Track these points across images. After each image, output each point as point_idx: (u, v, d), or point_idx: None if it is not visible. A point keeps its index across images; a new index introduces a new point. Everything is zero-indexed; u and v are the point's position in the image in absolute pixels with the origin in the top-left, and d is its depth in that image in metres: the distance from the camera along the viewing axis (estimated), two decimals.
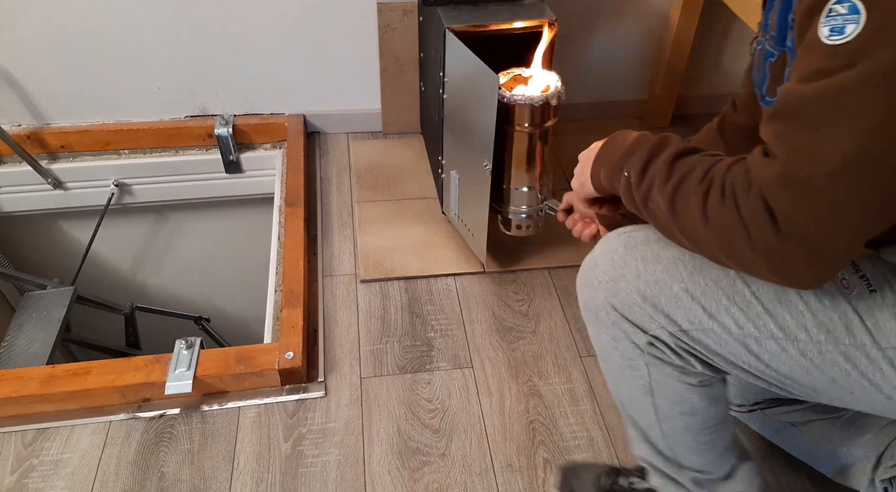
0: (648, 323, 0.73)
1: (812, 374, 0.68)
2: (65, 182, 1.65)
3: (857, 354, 0.65)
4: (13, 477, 1.02)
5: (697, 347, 0.72)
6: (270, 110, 1.68)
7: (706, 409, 0.79)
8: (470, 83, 1.14)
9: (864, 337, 0.64)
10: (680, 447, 0.84)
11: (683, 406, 0.79)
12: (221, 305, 2.16)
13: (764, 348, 0.69)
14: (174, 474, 1.03)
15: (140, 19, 1.46)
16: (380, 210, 1.51)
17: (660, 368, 0.76)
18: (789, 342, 0.67)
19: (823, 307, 0.65)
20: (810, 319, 0.66)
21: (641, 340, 0.74)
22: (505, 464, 1.06)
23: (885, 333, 0.63)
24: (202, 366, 1.10)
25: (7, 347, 1.41)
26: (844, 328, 0.65)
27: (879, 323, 0.63)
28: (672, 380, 0.77)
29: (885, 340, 0.63)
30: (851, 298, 0.65)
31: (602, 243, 0.77)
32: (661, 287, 0.71)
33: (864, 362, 0.65)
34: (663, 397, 0.79)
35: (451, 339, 1.25)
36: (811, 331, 0.66)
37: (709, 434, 0.82)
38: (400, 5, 1.50)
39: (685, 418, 0.80)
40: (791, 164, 0.52)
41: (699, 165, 0.61)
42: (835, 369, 0.66)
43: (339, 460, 1.05)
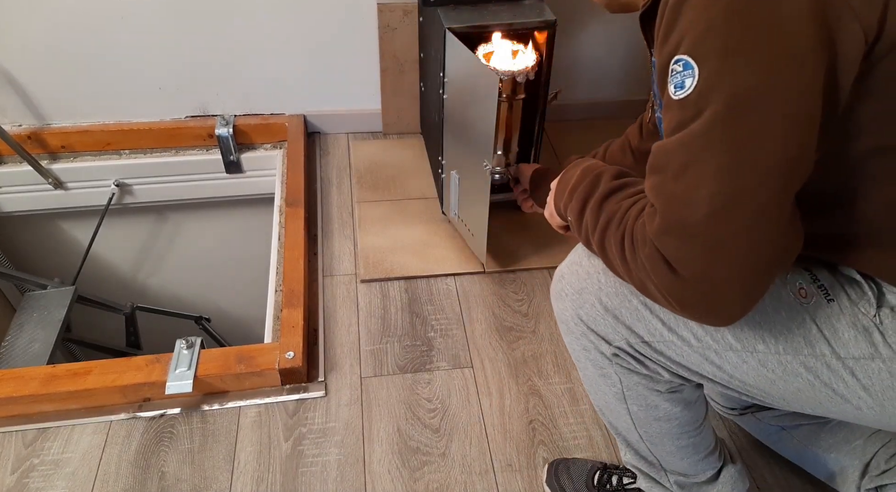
0: (612, 334, 0.74)
1: (777, 385, 0.68)
2: (65, 182, 1.65)
3: (818, 364, 0.65)
4: (14, 477, 1.02)
5: (661, 359, 0.73)
6: (271, 110, 1.68)
7: (681, 413, 0.80)
8: (470, 83, 1.14)
9: (824, 347, 0.64)
10: (660, 451, 0.85)
11: (657, 412, 0.80)
12: (222, 305, 2.16)
13: (725, 360, 0.70)
14: (174, 474, 1.03)
15: (141, 20, 1.46)
16: (380, 210, 1.51)
17: (629, 376, 0.78)
18: (748, 354, 0.68)
19: (781, 318, 0.66)
20: (767, 330, 0.66)
21: (607, 351, 0.76)
22: (505, 464, 1.06)
23: (844, 342, 0.63)
24: (202, 366, 1.10)
25: (8, 347, 1.41)
26: (803, 339, 0.65)
27: (838, 332, 0.63)
28: (642, 388, 0.78)
29: (844, 351, 0.63)
30: (809, 308, 0.65)
31: (570, 255, 0.80)
32: (622, 300, 0.72)
33: (825, 373, 0.65)
34: (636, 404, 0.80)
35: (451, 339, 1.25)
36: (769, 342, 0.66)
37: (688, 438, 0.82)
38: (400, 5, 1.50)
39: (660, 423, 0.81)
40: (668, 213, 0.56)
41: (619, 209, 0.65)
42: (798, 380, 0.67)
43: (339, 459, 1.05)
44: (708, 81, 0.52)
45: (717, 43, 0.52)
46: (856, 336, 0.62)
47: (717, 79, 0.52)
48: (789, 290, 0.66)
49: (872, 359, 0.62)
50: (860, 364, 0.63)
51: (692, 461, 0.84)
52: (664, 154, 0.57)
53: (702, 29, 0.52)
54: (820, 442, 0.98)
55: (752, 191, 0.52)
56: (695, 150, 0.54)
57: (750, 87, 0.51)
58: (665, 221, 0.56)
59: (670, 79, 0.55)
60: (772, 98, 0.51)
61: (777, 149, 0.52)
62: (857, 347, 0.62)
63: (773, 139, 0.52)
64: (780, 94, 0.51)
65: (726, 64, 0.52)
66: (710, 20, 0.52)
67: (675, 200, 0.55)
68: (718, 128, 0.52)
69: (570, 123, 1.76)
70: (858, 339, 0.62)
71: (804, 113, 0.52)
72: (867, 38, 0.50)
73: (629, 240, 0.61)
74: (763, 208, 0.53)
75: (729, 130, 0.52)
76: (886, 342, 0.61)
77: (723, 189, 0.53)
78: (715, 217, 0.53)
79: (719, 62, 0.52)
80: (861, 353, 0.62)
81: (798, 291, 0.65)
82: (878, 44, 0.50)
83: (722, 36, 0.51)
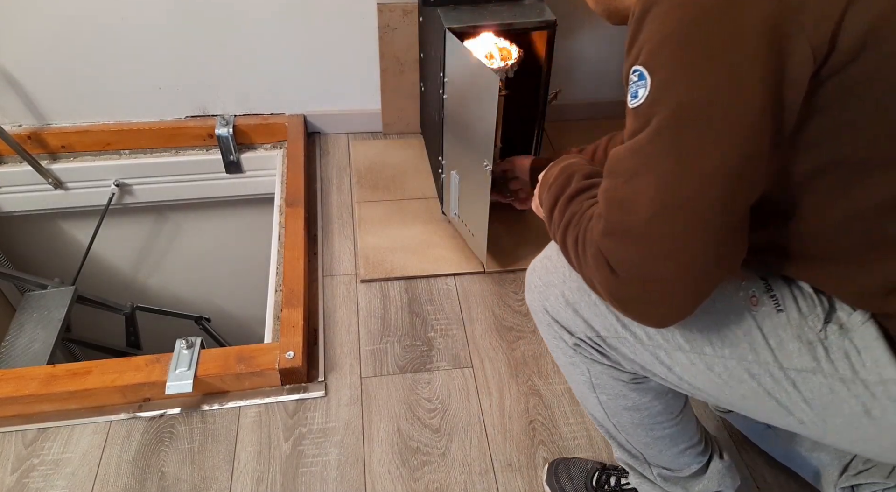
0: (573, 327, 0.77)
1: (724, 390, 0.69)
2: (65, 182, 1.65)
3: (761, 372, 0.65)
4: (14, 477, 1.02)
5: (616, 355, 0.75)
6: (270, 110, 1.68)
7: (651, 403, 0.80)
8: (470, 83, 1.14)
9: (768, 355, 0.65)
10: (638, 443, 0.85)
11: (626, 401, 0.81)
12: (222, 304, 2.16)
13: (675, 361, 0.71)
14: (174, 474, 1.03)
15: (141, 19, 1.46)
16: (380, 210, 1.51)
17: (594, 365, 0.80)
18: (696, 355, 0.69)
19: (729, 323, 0.67)
20: (715, 333, 0.67)
21: (570, 341, 0.78)
22: (505, 464, 1.06)
23: (788, 353, 0.64)
24: (202, 366, 1.10)
25: (8, 347, 1.41)
26: (748, 345, 0.66)
27: (783, 343, 0.64)
28: (607, 377, 0.80)
29: (787, 361, 0.64)
30: (757, 316, 0.66)
31: (545, 249, 0.83)
32: (582, 294, 0.75)
33: (768, 381, 0.65)
34: (605, 393, 0.82)
35: (451, 339, 1.25)
36: (716, 345, 0.67)
37: (662, 429, 0.82)
38: (400, 5, 1.50)
39: (630, 413, 0.82)
40: (612, 216, 0.58)
41: (580, 209, 0.67)
42: (743, 386, 0.67)
43: (339, 459, 1.05)
44: (657, 91, 0.54)
45: (668, 55, 0.53)
46: (800, 348, 0.63)
47: (665, 89, 0.53)
48: (741, 296, 0.67)
49: (814, 373, 0.62)
50: (802, 376, 0.63)
51: (672, 454, 0.84)
52: (617, 160, 0.58)
53: (656, 41, 0.54)
54: (804, 441, 0.99)
55: (691, 198, 0.54)
56: (642, 157, 0.55)
57: (695, 99, 0.53)
58: (608, 224, 0.59)
59: (628, 88, 0.57)
60: (716, 110, 0.52)
61: (718, 160, 0.53)
62: (800, 360, 0.63)
63: (716, 150, 0.53)
64: (725, 107, 0.52)
65: (675, 75, 0.53)
66: (664, 33, 0.53)
67: (619, 204, 0.57)
68: (664, 136, 0.54)
69: (570, 123, 1.76)
70: (802, 351, 0.63)
71: (749, 127, 0.52)
72: (816, 57, 0.50)
73: (581, 239, 0.64)
74: (700, 216, 0.54)
75: (673, 139, 0.54)
76: (829, 358, 0.62)
77: (662, 195, 0.54)
78: (653, 221, 0.55)
79: (669, 73, 0.53)
80: (803, 365, 0.63)
81: (750, 298, 0.66)
82: (827, 63, 0.51)
83: (673, 48, 0.53)
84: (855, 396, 0.61)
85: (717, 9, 0.51)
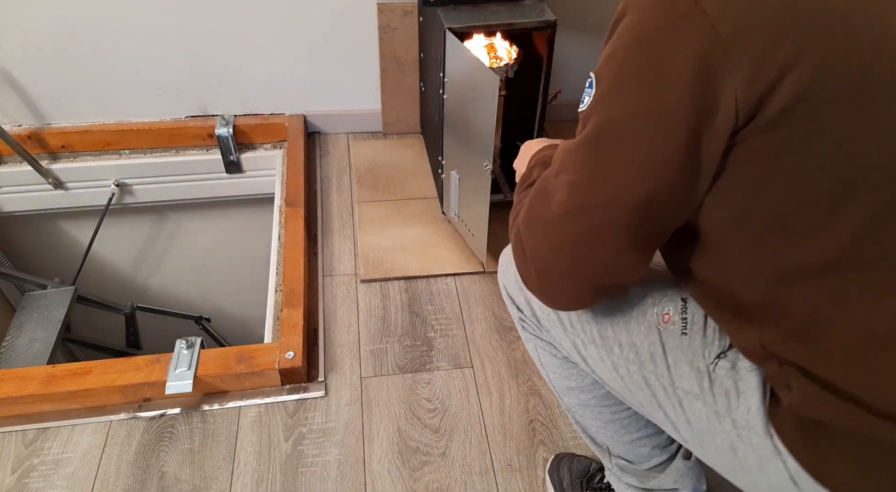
0: (522, 304, 0.82)
1: (625, 391, 0.72)
2: (65, 182, 1.65)
3: (657, 384, 0.68)
4: (14, 477, 1.02)
5: (548, 335, 0.80)
6: (271, 110, 1.68)
7: (592, 387, 0.82)
8: (470, 83, 1.14)
9: (664, 370, 0.67)
10: (591, 428, 0.87)
11: (568, 382, 0.83)
12: (222, 305, 2.16)
13: (588, 353, 0.74)
14: (174, 474, 1.03)
15: (141, 20, 1.46)
16: (380, 210, 1.51)
17: (539, 342, 0.84)
18: (606, 352, 0.72)
19: (638, 330, 0.69)
20: (625, 336, 0.70)
21: (517, 317, 0.85)
22: (505, 464, 1.06)
23: (680, 373, 0.66)
24: (202, 366, 1.10)
25: (8, 347, 1.41)
26: (650, 356, 0.68)
27: (678, 364, 0.66)
28: (549, 355, 0.83)
29: (678, 381, 0.66)
30: (664, 333, 0.68)
31: None
32: None
33: (661, 394, 0.68)
34: (552, 371, 0.85)
35: (451, 339, 1.25)
36: (624, 347, 0.70)
37: (610, 413, 0.83)
38: (400, 5, 1.50)
39: (576, 393, 0.84)
40: (533, 204, 0.62)
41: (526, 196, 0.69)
42: (641, 393, 0.70)
43: (339, 459, 1.05)
44: (595, 102, 0.55)
45: (610, 70, 0.54)
46: (689, 373, 0.65)
47: (598, 103, 0.55)
48: (655, 311, 0.69)
49: (697, 399, 0.64)
50: (687, 399, 0.65)
51: (626, 442, 0.84)
52: (560, 152, 0.61)
53: (609, 52, 0.55)
54: None
55: (593, 211, 0.56)
56: (570, 158, 0.58)
57: (621, 118, 0.54)
58: (529, 211, 0.63)
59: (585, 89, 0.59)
60: (633, 135, 0.53)
61: (629, 182, 0.54)
62: (688, 383, 0.65)
63: (626, 172, 0.54)
64: (646, 135, 0.52)
65: (609, 91, 0.54)
66: (615, 46, 0.54)
67: (542, 194, 0.61)
68: (588, 145, 0.56)
69: (570, 123, 1.76)
70: (691, 376, 0.65)
71: (664, 161, 0.52)
72: (738, 117, 0.49)
73: (512, 219, 0.69)
74: (602, 227, 0.56)
75: (594, 150, 0.56)
76: (711, 390, 0.63)
77: (573, 198, 0.57)
78: (560, 220, 0.58)
79: (605, 88, 0.55)
80: (690, 388, 0.65)
81: (662, 314, 0.68)
82: (747, 127, 0.50)
83: (615, 66, 0.54)
84: (725, 431, 0.62)
85: (661, 35, 0.51)
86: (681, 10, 0.49)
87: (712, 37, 0.48)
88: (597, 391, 0.82)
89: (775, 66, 0.47)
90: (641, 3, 0.53)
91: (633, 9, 0.53)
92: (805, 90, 0.47)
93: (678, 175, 0.53)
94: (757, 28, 0.47)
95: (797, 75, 0.47)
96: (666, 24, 0.50)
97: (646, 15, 0.52)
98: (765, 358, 0.59)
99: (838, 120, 0.48)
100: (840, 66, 0.47)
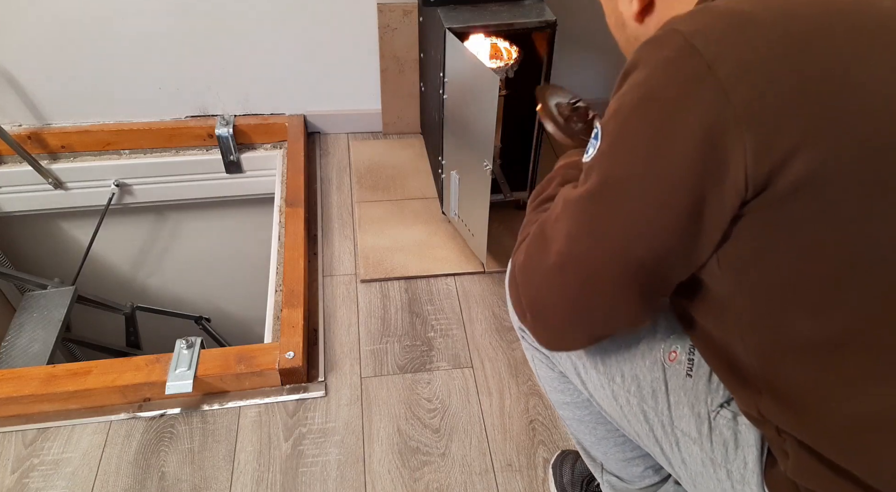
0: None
1: (623, 421, 0.72)
2: (65, 182, 1.65)
3: (655, 419, 0.67)
4: (14, 477, 1.02)
5: (547, 351, 0.78)
6: (270, 110, 1.68)
7: (587, 403, 0.81)
8: (470, 83, 1.14)
9: (664, 407, 0.66)
10: (587, 443, 0.86)
11: (564, 396, 0.83)
12: (222, 305, 2.16)
13: (590, 377, 0.73)
14: (174, 474, 1.03)
15: (140, 19, 1.46)
16: (380, 210, 1.51)
17: (536, 353, 0.83)
18: (606, 380, 0.71)
19: (643, 364, 0.68)
20: (629, 367, 0.69)
21: (517, 325, 0.83)
22: (505, 464, 1.06)
23: (680, 415, 0.65)
24: (202, 366, 1.10)
25: (8, 347, 1.41)
26: (651, 391, 0.67)
27: (679, 405, 0.65)
28: (544, 367, 0.82)
29: (677, 421, 0.65)
30: (668, 370, 0.67)
31: None
32: None
33: (659, 430, 0.67)
34: (547, 384, 0.84)
35: (451, 339, 1.25)
36: (626, 378, 0.69)
37: (604, 430, 0.82)
38: (400, 5, 1.50)
39: (571, 408, 0.83)
40: (531, 249, 0.61)
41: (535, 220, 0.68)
42: (639, 425, 0.69)
43: (339, 459, 1.05)
44: (599, 156, 0.54)
45: (616, 125, 0.53)
46: (689, 416, 0.64)
47: (602, 158, 0.54)
48: (663, 348, 0.68)
49: (695, 443, 0.64)
50: (684, 440, 0.65)
51: (620, 461, 0.84)
52: (559, 196, 0.60)
53: (615, 107, 0.53)
54: None
55: (590, 265, 0.55)
56: (570, 209, 0.57)
57: (620, 178, 0.53)
58: (527, 257, 0.62)
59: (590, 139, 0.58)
60: (635, 197, 0.52)
61: (623, 242, 0.53)
62: (687, 425, 0.65)
63: (624, 232, 0.53)
64: (645, 196, 0.51)
65: (613, 148, 0.53)
66: (622, 102, 0.52)
67: (540, 240, 0.60)
68: (586, 201, 0.55)
69: None
70: (690, 420, 0.64)
71: (664, 225, 0.51)
72: (748, 188, 0.47)
73: (514, 251, 0.68)
74: (597, 284, 0.55)
75: (592, 207, 0.55)
76: (710, 437, 0.63)
77: (570, 249, 0.56)
78: (554, 270, 0.57)
79: (609, 144, 0.54)
80: (688, 431, 0.64)
81: (669, 352, 0.68)
82: (759, 198, 0.48)
83: (622, 121, 0.53)
84: (719, 480, 0.62)
85: (670, 97, 0.49)
86: (693, 74, 0.47)
87: (724, 105, 0.46)
88: (592, 408, 0.80)
89: (789, 140, 0.45)
90: (652, 60, 0.51)
91: (644, 64, 0.52)
92: (819, 167, 0.46)
93: (679, 240, 0.52)
94: (772, 101, 0.46)
95: (810, 153, 0.45)
96: (676, 87, 0.49)
97: (657, 74, 0.50)
98: (762, 423, 0.58)
99: (852, 197, 0.47)
100: (854, 146, 0.45)
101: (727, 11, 0.49)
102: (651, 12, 0.63)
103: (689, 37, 0.48)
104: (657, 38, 0.51)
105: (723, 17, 0.49)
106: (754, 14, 0.48)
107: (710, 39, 0.47)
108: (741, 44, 0.47)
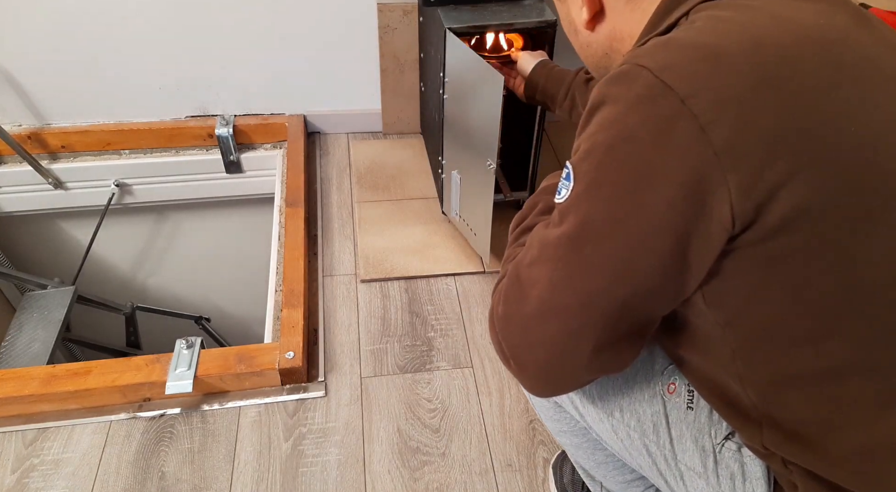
0: None
1: (625, 454, 0.71)
2: (65, 182, 1.65)
3: (658, 453, 0.66)
4: (14, 477, 1.02)
5: None
6: (270, 110, 1.68)
7: (586, 431, 0.79)
8: (471, 83, 1.14)
9: (666, 441, 0.65)
10: (587, 465, 0.85)
11: (560, 424, 0.82)
12: (222, 305, 2.16)
13: (587, 411, 0.72)
14: (174, 474, 1.03)
15: (140, 19, 1.46)
16: (380, 210, 1.51)
17: None
18: (605, 415, 0.70)
19: (641, 398, 0.67)
20: (627, 401, 0.68)
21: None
22: (505, 464, 1.06)
23: (683, 449, 0.64)
24: (202, 366, 1.10)
25: (7, 347, 1.41)
26: (652, 425, 0.66)
27: (682, 439, 0.64)
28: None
29: (681, 455, 0.64)
30: (668, 403, 0.65)
31: None
32: None
33: (662, 463, 0.66)
34: (542, 412, 0.83)
35: (451, 339, 1.25)
36: (625, 413, 0.68)
37: (603, 454, 0.81)
38: (400, 5, 1.50)
39: (567, 436, 0.83)
40: (509, 294, 0.58)
41: (511, 255, 0.66)
42: (641, 458, 0.68)
43: (339, 459, 1.05)
44: (574, 199, 0.52)
45: (590, 168, 0.51)
46: (693, 450, 0.63)
47: (577, 201, 0.52)
48: (661, 380, 0.67)
49: (700, 477, 0.63)
50: (689, 474, 0.64)
51: (620, 483, 0.83)
52: (532, 237, 0.58)
53: (588, 147, 0.51)
54: None
55: (571, 311, 0.53)
56: (547, 253, 0.54)
57: (598, 221, 0.51)
58: (505, 303, 0.58)
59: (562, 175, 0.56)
60: (615, 240, 0.50)
61: (602, 286, 0.51)
62: (691, 459, 0.63)
63: (602, 275, 0.51)
64: (626, 239, 0.50)
65: (589, 191, 0.51)
66: (595, 142, 0.51)
67: (517, 285, 0.57)
68: (563, 245, 0.53)
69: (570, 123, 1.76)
70: (695, 454, 0.63)
71: (646, 267, 0.50)
72: (735, 224, 0.46)
73: (498, 284, 0.63)
74: (577, 329, 0.53)
75: (569, 252, 0.52)
76: (716, 471, 0.62)
77: (549, 296, 0.53)
78: (534, 318, 0.55)
79: (584, 187, 0.52)
80: (693, 465, 0.63)
81: (668, 385, 0.66)
82: (744, 234, 0.47)
83: (595, 164, 0.51)
84: None
85: (645, 137, 0.47)
86: (668, 113, 0.46)
87: (704, 144, 0.45)
88: (589, 436, 0.79)
89: (772, 175, 0.45)
90: (622, 98, 0.49)
91: (612, 102, 0.50)
92: (805, 201, 0.45)
93: (662, 280, 0.51)
94: (753, 137, 0.45)
95: (795, 187, 0.45)
96: (651, 126, 0.47)
97: (629, 113, 0.48)
98: (768, 456, 0.57)
99: (841, 229, 0.46)
100: (838, 175, 0.45)
101: (693, 45, 0.48)
102: (602, 20, 0.62)
103: (658, 73, 0.47)
104: (623, 73, 0.49)
105: (689, 51, 0.47)
106: (721, 47, 0.47)
107: (681, 75, 0.46)
108: (714, 79, 0.46)
